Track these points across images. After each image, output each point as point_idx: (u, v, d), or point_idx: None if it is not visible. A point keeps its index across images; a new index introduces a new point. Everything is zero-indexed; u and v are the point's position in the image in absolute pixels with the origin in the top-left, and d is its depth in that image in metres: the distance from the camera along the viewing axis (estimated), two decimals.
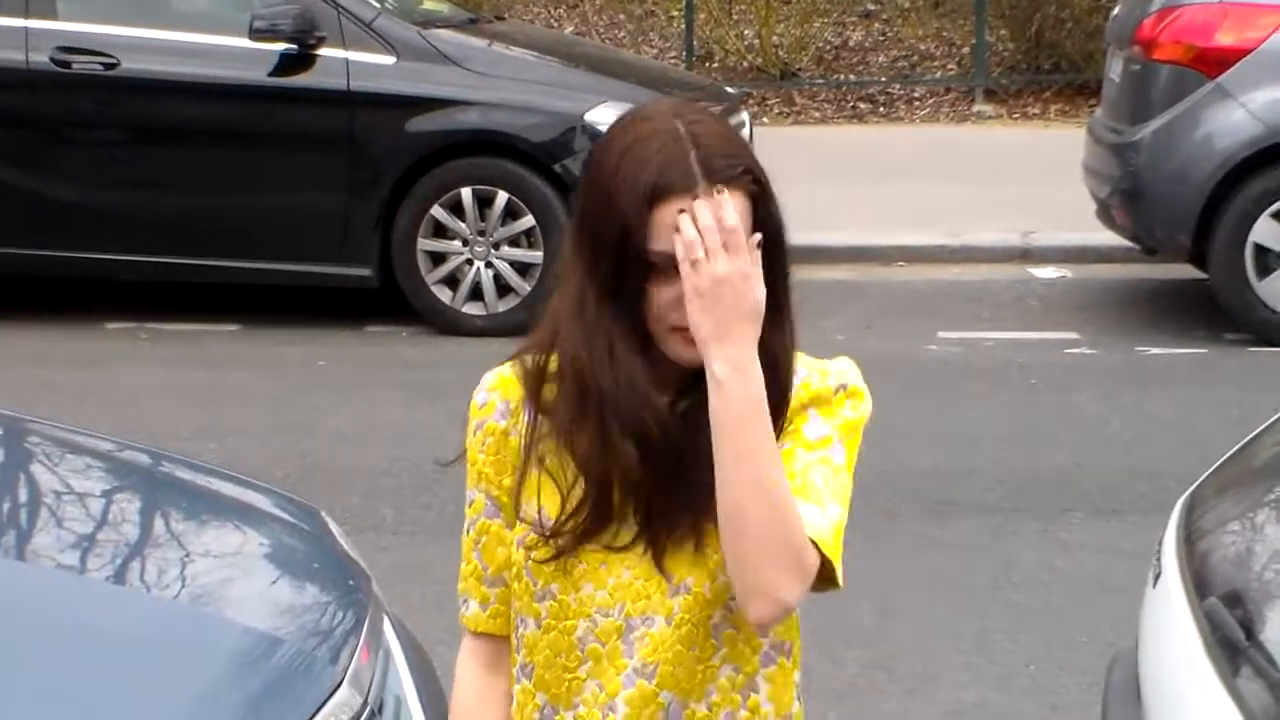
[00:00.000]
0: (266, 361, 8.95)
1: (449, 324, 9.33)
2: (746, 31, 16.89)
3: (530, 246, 9.28)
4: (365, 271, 9.46)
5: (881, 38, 17.19)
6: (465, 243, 9.34)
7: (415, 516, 6.60)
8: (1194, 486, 3.90)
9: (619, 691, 2.47)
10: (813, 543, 2.37)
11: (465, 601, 2.58)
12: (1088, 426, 7.72)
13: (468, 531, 2.57)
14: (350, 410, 8.08)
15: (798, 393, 2.46)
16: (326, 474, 7.10)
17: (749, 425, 2.32)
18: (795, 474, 2.40)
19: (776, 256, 2.42)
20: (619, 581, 2.46)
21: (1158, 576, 3.64)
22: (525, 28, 14.07)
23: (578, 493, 2.44)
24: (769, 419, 2.34)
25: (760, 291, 2.32)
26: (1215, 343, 8.96)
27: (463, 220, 9.32)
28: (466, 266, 9.35)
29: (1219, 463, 3.99)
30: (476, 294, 9.36)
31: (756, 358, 2.32)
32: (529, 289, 9.18)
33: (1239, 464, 3.93)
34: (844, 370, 2.49)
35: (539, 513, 2.47)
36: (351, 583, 3.40)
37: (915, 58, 16.72)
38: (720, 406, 2.32)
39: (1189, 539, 3.60)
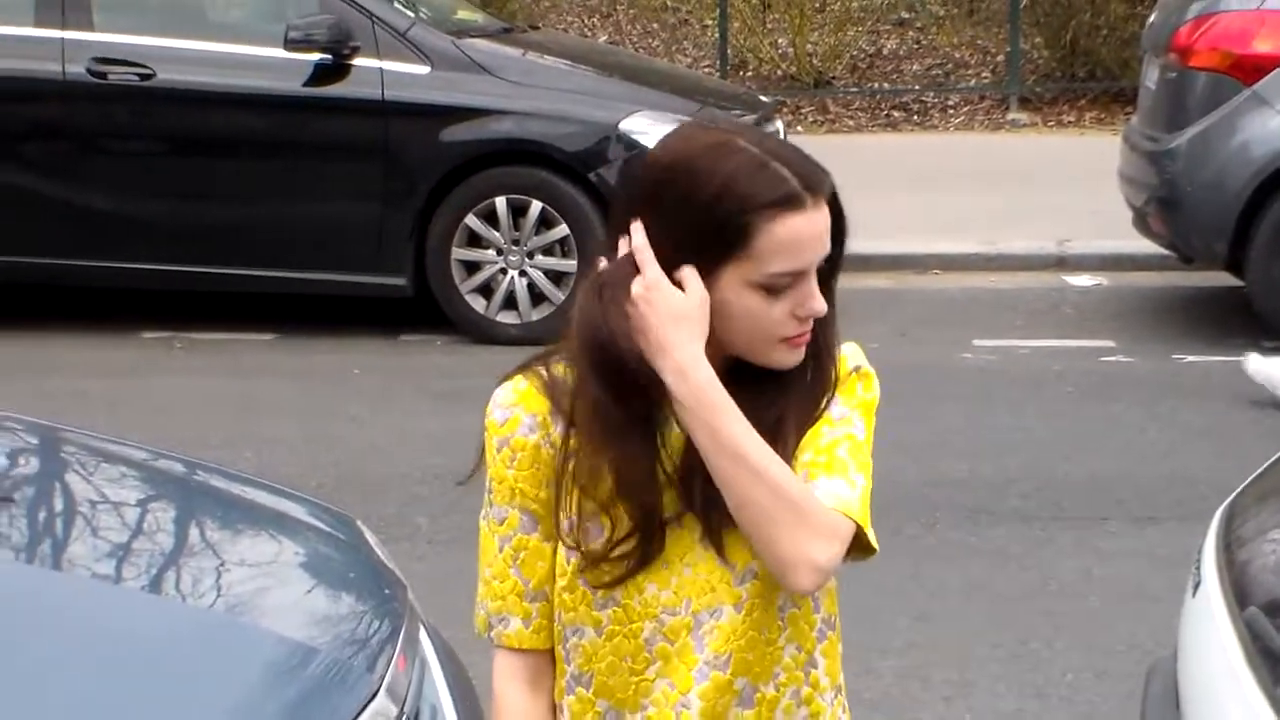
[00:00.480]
0: (300, 371, 8.96)
1: (483, 333, 9.33)
2: (780, 40, 16.88)
3: (564, 255, 9.28)
4: (400, 281, 9.48)
5: (916, 46, 17.17)
6: (499, 252, 9.35)
7: (450, 525, 6.60)
8: (1233, 495, 3.87)
9: (691, 687, 2.49)
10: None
11: (503, 620, 2.55)
12: (1124, 434, 7.69)
13: (500, 549, 2.54)
14: (384, 419, 8.09)
15: None
16: (360, 483, 7.11)
17: (713, 415, 2.38)
18: (822, 450, 2.45)
19: (839, 257, 2.48)
20: (682, 579, 2.48)
21: (1197, 585, 3.61)
22: (559, 37, 14.09)
23: (624, 523, 2.45)
24: (730, 402, 2.39)
25: (676, 296, 2.38)
26: (1252, 350, 8.90)
27: (497, 229, 9.33)
28: (501, 275, 9.36)
29: (1259, 471, 3.96)
30: (511, 303, 9.36)
31: (698, 355, 2.39)
32: (563, 298, 9.17)
33: (1279, 473, 3.90)
34: (856, 353, 2.55)
35: (585, 537, 2.47)
36: (387, 591, 3.40)
37: (949, 66, 16.70)
38: (682, 412, 2.40)
39: (1229, 548, 3.58)
